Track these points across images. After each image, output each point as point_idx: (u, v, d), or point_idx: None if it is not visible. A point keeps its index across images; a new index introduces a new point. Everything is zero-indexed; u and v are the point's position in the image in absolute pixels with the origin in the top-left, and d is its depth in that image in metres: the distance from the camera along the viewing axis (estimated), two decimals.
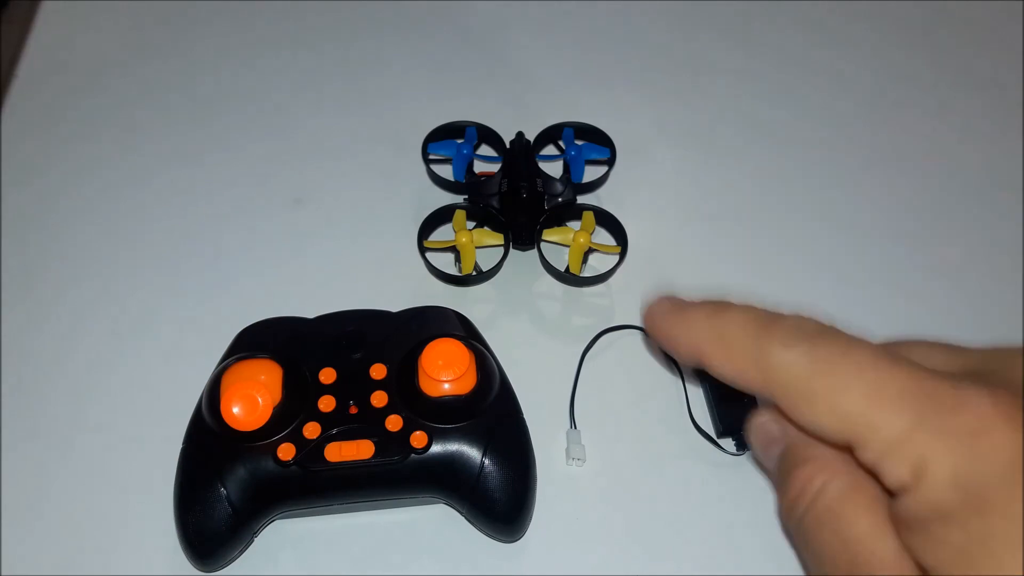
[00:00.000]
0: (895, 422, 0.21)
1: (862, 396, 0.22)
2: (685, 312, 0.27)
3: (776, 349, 0.23)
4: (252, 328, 0.35)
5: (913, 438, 0.21)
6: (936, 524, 0.20)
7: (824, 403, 0.22)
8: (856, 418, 0.22)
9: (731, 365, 0.25)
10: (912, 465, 0.21)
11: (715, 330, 0.25)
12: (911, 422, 0.21)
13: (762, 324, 0.24)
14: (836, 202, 0.44)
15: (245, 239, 0.42)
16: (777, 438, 0.26)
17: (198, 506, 0.31)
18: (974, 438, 0.20)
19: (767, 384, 0.24)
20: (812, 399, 0.23)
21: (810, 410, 0.23)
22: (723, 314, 0.25)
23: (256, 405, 0.31)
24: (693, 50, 0.50)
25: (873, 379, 0.22)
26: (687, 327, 0.26)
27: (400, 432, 0.32)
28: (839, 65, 0.50)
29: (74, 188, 0.43)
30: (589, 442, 0.35)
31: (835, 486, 0.23)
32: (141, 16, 0.51)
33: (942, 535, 0.20)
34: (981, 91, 0.49)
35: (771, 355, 0.23)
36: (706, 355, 0.25)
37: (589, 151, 0.42)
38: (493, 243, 0.40)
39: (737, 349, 0.24)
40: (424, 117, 0.44)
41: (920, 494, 0.21)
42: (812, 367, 0.23)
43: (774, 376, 0.23)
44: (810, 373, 0.23)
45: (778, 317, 0.24)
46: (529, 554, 0.33)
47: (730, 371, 0.25)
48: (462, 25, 0.51)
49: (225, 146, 0.45)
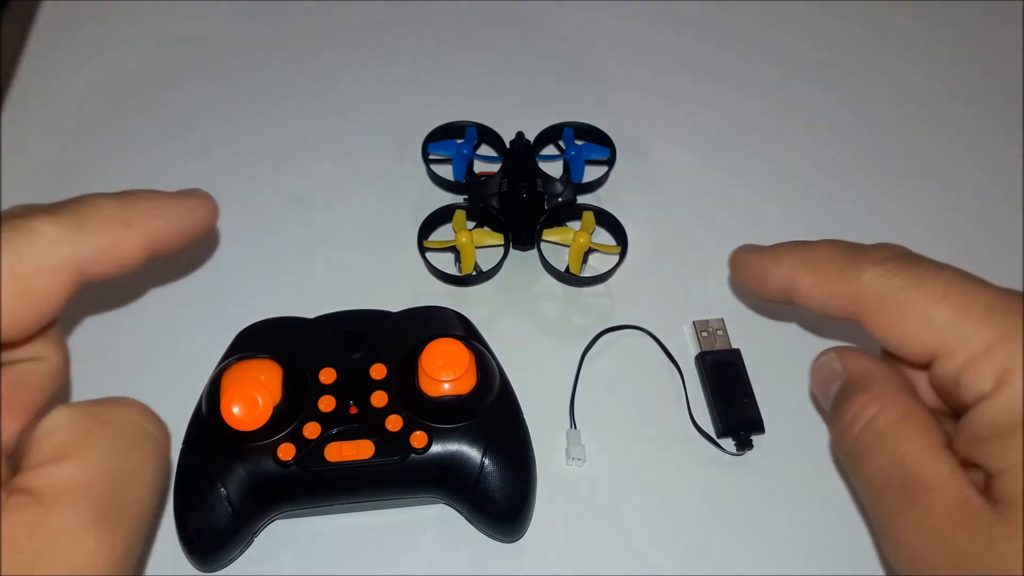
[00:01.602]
0: (983, 333, 0.22)
1: (952, 309, 0.23)
2: (771, 249, 0.28)
3: (867, 267, 0.25)
4: (252, 328, 0.35)
5: (999, 348, 0.22)
6: (1013, 429, 0.21)
7: (915, 315, 0.23)
8: (945, 329, 0.23)
9: (823, 288, 0.26)
10: (996, 373, 0.22)
11: (804, 257, 0.27)
12: (997, 335, 0.22)
13: (853, 249, 0.26)
14: (836, 202, 0.44)
15: (245, 239, 0.42)
16: (838, 373, 0.27)
17: (198, 506, 0.31)
18: None
19: (858, 303, 0.25)
20: (903, 312, 0.24)
21: (900, 323, 0.24)
22: (810, 245, 0.27)
23: (256, 405, 0.31)
24: (693, 50, 0.50)
25: (963, 294, 0.23)
26: (777, 260, 0.28)
27: (400, 432, 0.32)
28: (839, 65, 0.50)
29: (74, 188, 0.43)
30: (589, 442, 0.35)
31: (891, 412, 0.24)
32: (141, 16, 0.51)
33: (1018, 439, 0.21)
34: (981, 92, 0.49)
35: (864, 273, 0.25)
36: (798, 282, 0.26)
37: (589, 151, 0.42)
38: (493, 243, 0.40)
39: (829, 272, 0.26)
40: (424, 117, 0.44)
41: (1000, 401, 0.22)
42: (903, 281, 0.24)
43: (865, 293, 0.24)
44: (901, 286, 0.24)
45: (866, 245, 0.26)
46: (529, 554, 0.33)
47: (821, 295, 0.26)
48: (462, 25, 0.51)
49: (225, 146, 0.45)
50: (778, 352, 0.38)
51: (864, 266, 0.25)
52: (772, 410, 0.36)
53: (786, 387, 0.37)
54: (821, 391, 0.28)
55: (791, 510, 0.34)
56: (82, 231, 0.22)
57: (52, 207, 0.22)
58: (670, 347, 0.38)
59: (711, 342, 0.38)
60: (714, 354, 0.37)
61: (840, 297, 0.25)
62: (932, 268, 0.24)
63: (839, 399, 0.26)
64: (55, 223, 0.22)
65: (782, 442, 0.36)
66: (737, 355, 0.37)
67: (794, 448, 0.36)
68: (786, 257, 0.27)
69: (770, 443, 0.36)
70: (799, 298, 0.27)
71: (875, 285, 0.24)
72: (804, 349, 0.38)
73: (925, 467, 0.23)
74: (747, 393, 0.36)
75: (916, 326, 0.23)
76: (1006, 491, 0.21)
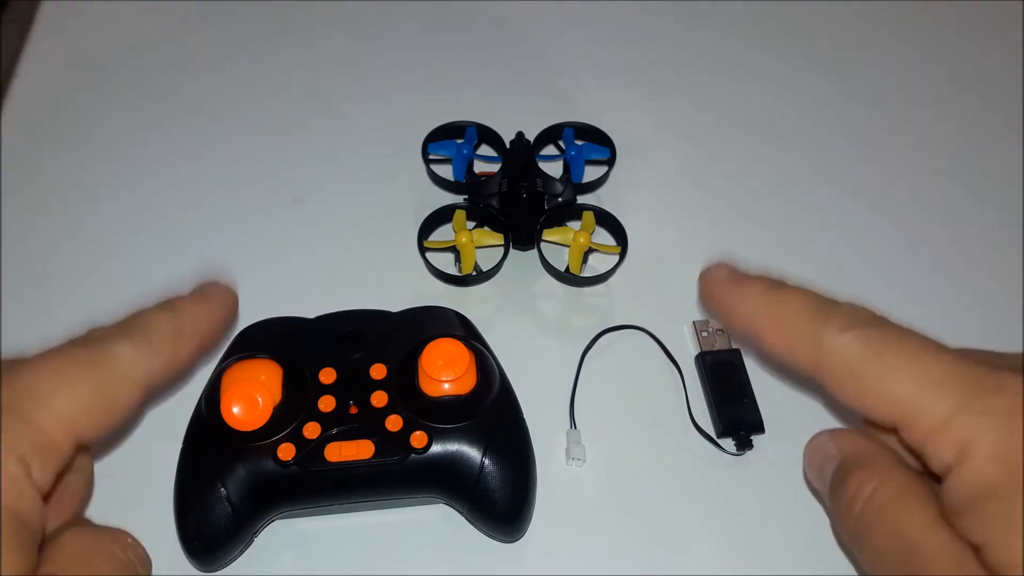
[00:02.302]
0: (940, 405, 0.22)
1: (910, 380, 0.23)
2: (743, 284, 0.27)
3: (832, 332, 0.24)
4: (252, 328, 0.35)
5: (957, 420, 0.22)
6: (983, 500, 0.21)
7: (874, 386, 0.23)
8: (904, 401, 0.23)
9: (784, 343, 0.25)
10: (957, 445, 0.22)
11: (772, 307, 0.26)
12: (955, 405, 0.22)
13: (819, 307, 0.25)
14: (837, 202, 0.44)
15: (245, 239, 0.42)
16: (832, 455, 0.27)
17: (198, 506, 0.31)
18: (1012, 416, 0.21)
19: (818, 365, 0.25)
20: (863, 381, 0.24)
21: (860, 392, 0.24)
22: (781, 293, 0.26)
23: (256, 405, 0.31)
24: (693, 50, 0.50)
25: (921, 365, 0.23)
26: (744, 299, 0.27)
27: (400, 432, 0.32)
28: (840, 64, 0.50)
29: (74, 188, 0.43)
30: (589, 442, 0.35)
31: (889, 486, 0.24)
32: (141, 16, 0.51)
33: (990, 509, 0.21)
34: (982, 89, 0.49)
35: (826, 337, 0.24)
36: (760, 329, 0.26)
37: (589, 151, 0.42)
38: (493, 243, 0.40)
39: (793, 328, 0.25)
40: (424, 117, 0.44)
41: (965, 472, 0.22)
42: (865, 351, 0.24)
43: (827, 357, 0.24)
44: (863, 356, 0.24)
45: (834, 303, 0.25)
46: (529, 554, 0.33)
47: (782, 348, 0.26)
48: (462, 25, 0.51)
49: (225, 146, 0.45)
50: None
51: (829, 330, 0.24)
52: (772, 410, 0.36)
53: (786, 387, 0.37)
54: (817, 474, 0.28)
55: (791, 510, 0.34)
56: (151, 349, 0.25)
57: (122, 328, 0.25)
58: (670, 347, 0.38)
59: (711, 342, 0.38)
60: (714, 354, 0.37)
61: (802, 356, 0.25)
62: (894, 336, 0.24)
63: (837, 479, 0.26)
64: (132, 345, 0.24)
65: (782, 442, 0.36)
66: (737, 355, 0.37)
67: (794, 448, 0.35)
68: (753, 300, 0.26)
69: (770, 443, 0.36)
70: (761, 346, 0.26)
71: (837, 352, 0.24)
72: None
73: (926, 540, 0.23)
74: (747, 393, 0.36)
75: (876, 396, 0.23)
76: (995, 563, 0.21)
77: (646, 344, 0.38)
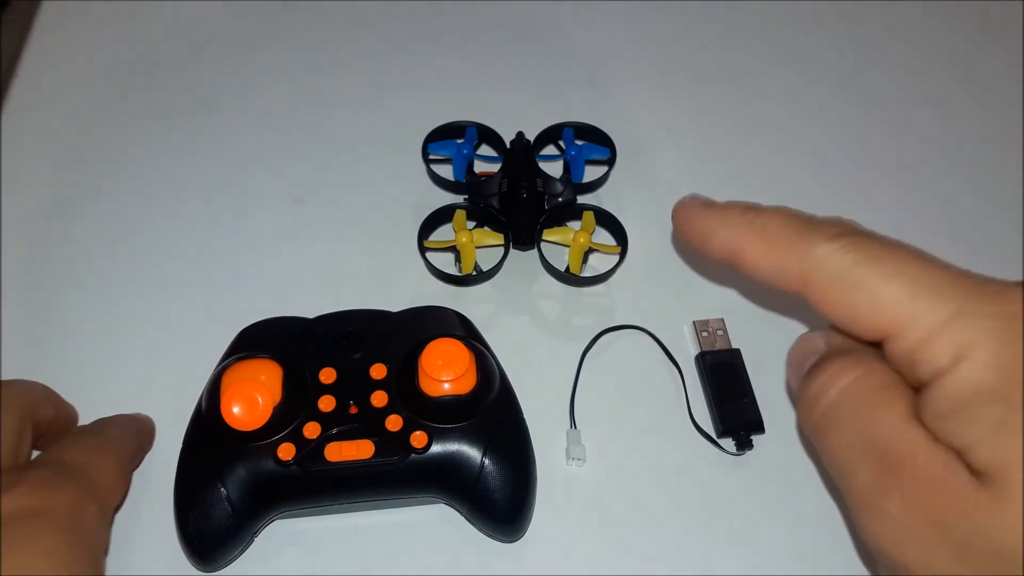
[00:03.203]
0: (937, 310, 0.21)
1: (904, 286, 0.22)
2: (721, 208, 0.26)
3: (820, 241, 0.24)
4: (252, 328, 0.35)
5: (954, 324, 0.21)
6: (976, 403, 0.21)
7: (866, 292, 0.23)
8: (897, 308, 0.22)
9: (770, 259, 0.25)
10: (953, 349, 0.21)
11: (754, 224, 0.25)
12: (952, 310, 0.21)
13: (805, 220, 0.24)
14: (837, 202, 0.44)
15: (245, 239, 0.42)
16: (818, 348, 0.26)
17: (198, 506, 0.31)
18: (1015, 321, 0.21)
19: (806, 278, 0.24)
20: (853, 289, 0.23)
21: (851, 300, 0.23)
22: (763, 211, 0.25)
23: (256, 405, 0.31)
24: (693, 50, 0.50)
25: (916, 271, 0.22)
26: (724, 221, 0.26)
27: (400, 432, 0.32)
28: (839, 65, 0.50)
29: (74, 188, 0.43)
30: (589, 442, 0.35)
31: (870, 378, 0.23)
32: (141, 16, 0.51)
33: (983, 412, 0.21)
34: (981, 91, 0.49)
35: (815, 247, 0.24)
36: (743, 249, 0.25)
37: (589, 151, 0.42)
38: (493, 243, 0.40)
39: (778, 243, 0.24)
40: (424, 117, 0.44)
41: (960, 375, 0.21)
42: (856, 257, 0.23)
43: (816, 268, 0.24)
44: (853, 263, 0.23)
45: (818, 218, 0.25)
46: (529, 554, 0.33)
47: (767, 266, 0.25)
48: (462, 25, 0.51)
49: (225, 146, 0.45)
50: (778, 352, 0.38)
51: (816, 240, 0.24)
52: (772, 410, 0.36)
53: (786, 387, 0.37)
54: (796, 366, 0.26)
55: (791, 510, 0.34)
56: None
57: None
58: (670, 347, 0.38)
59: (711, 342, 0.38)
60: (714, 354, 0.37)
61: (789, 271, 0.24)
62: (886, 245, 0.23)
63: (815, 366, 0.25)
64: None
65: (782, 442, 0.36)
66: (737, 355, 0.37)
67: (794, 448, 0.36)
68: (735, 220, 0.26)
69: (770, 443, 0.36)
70: (743, 265, 0.25)
71: (827, 261, 0.23)
72: None
73: (906, 435, 0.22)
74: (747, 393, 0.36)
75: (868, 304, 0.23)
76: (980, 464, 0.21)
77: (646, 344, 0.38)
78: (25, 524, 0.26)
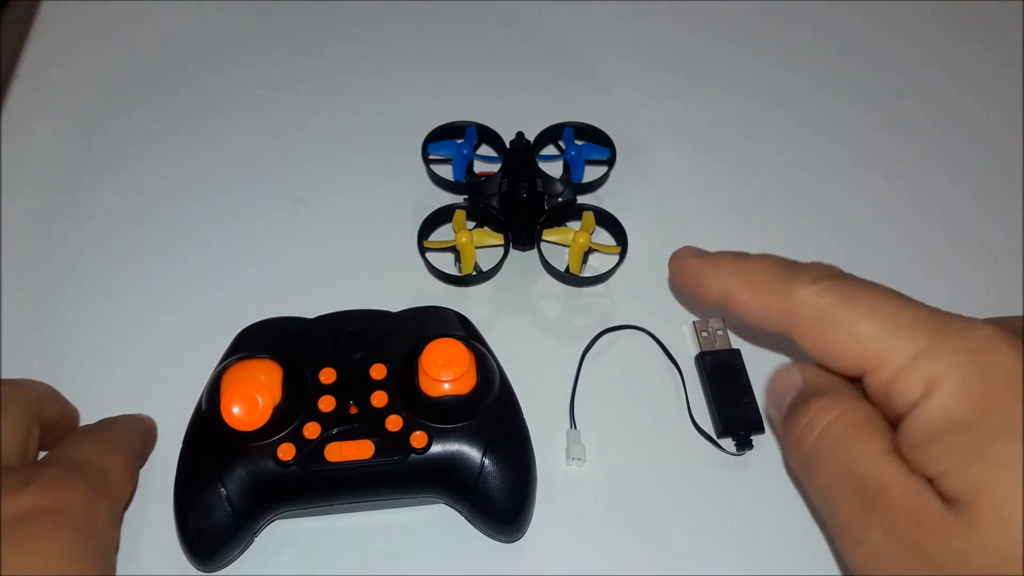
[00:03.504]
0: (909, 346, 0.23)
1: (880, 324, 0.24)
2: (712, 257, 0.29)
3: (802, 284, 0.25)
4: (252, 328, 0.35)
5: (925, 359, 0.23)
6: (946, 432, 0.22)
7: (844, 331, 0.24)
8: (873, 344, 0.24)
9: (757, 303, 0.27)
10: (924, 382, 0.23)
11: (742, 271, 0.27)
12: (923, 346, 0.23)
13: (787, 265, 0.27)
14: (837, 202, 0.44)
15: (245, 239, 0.42)
16: (796, 384, 0.27)
17: (198, 506, 0.31)
18: (980, 355, 0.23)
19: (790, 318, 0.26)
20: (833, 328, 0.25)
21: (831, 338, 0.25)
22: (750, 259, 0.28)
23: (256, 405, 0.31)
24: (693, 50, 0.50)
25: (890, 310, 0.24)
26: (715, 269, 0.28)
27: (400, 432, 0.32)
28: (839, 64, 0.50)
29: (74, 188, 0.43)
30: (589, 442, 0.35)
31: (848, 416, 0.25)
32: (141, 16, 0.51)
33: (952, 440, 0.22)
34: (982, 90, 0.49)
35: (797, 290, 0.25)
36: (734, 294, 0.27)
37: (589, 151, 0.42)
38: (493, 243, 0.40)
39: (764, 287, 0.26)
40: (424, 117, 0.44)
41: (931, 407, 0.23)
42: (835, 299, 0.25)
43: (798, 309, 0.25)
44: (833, 304, 0.25)
45: (800, 263, 0.27)
46: (529, 554, 0.33)
47: (756, 308, 0.27)
48: (462, 25, 0.51)
49: (225, 146, 0.45)
50: (778, 352, 0.38)
51: (799, 283, 0.26)
52: None
53: None
54: (775, 401, 0.28)
55: (791, 510, 0.34)
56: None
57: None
58: (670, 347, 0.38)
59: (711, 342, 0.38)
60: (714, 354, 0.37)
61: (774, 312, 0.26)
62: (862, 286, 0.25)
63: (794, 406, 0.27)
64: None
65: None
66: (737, 355, 0.37)
67: None
68: (725, 268, 0.28)
69: (770, 443, 0.36)
70: (735, 309, 0.28)
71: (808, 302, 0.25)
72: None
73: (882, 469, 0.24)
74: (747, 393, 0.36)
75: (846, 341, 0.24)
76: (951, 491, 0.22)
77: (646, 344, 0.38)
78: (39, 522, 0.26)
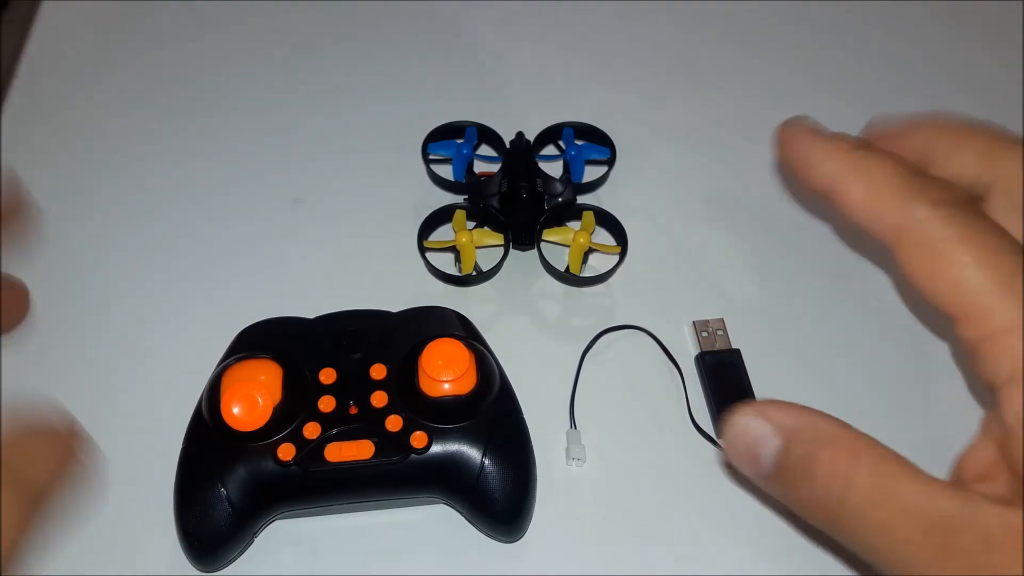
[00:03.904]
0: (1013, 313, 0.21)
1: (991, 277, 0.22)
2: (829, 139, 0.25)
3: (924, 204, 0.23)
4: (252, 328, 0.35)
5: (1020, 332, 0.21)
6: None
7: (951, 270, 0.22)
8: (977, 295, 0.22)
9: (868, 206, 0.24)
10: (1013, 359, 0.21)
11: (860, 166, 0.24)
12: None
13: (914, 176, 0.24)
14: None
15: (245, 239, 0.42)
16: (767, 435, 0.24)
17: (198, 506, 0.31)
18: None
19: (899, 237, 0.23)
20: (940, 262, 0.22)
21: (936, 271, 0.22)
22: (873, 154, 0.24)
23: (256, 405, 0.31)
24: (693, 50, 0.50)
25: (1007, 266, 0.22)
26: (830, 155, 0.25)
27: (400, 432, 0.32)
28: (839, 64, 0.50)
29: (73, 188, 0.43)
30: (589, 442, 0.35)
31: (864, 461, 0.22)
32: (141, 16, 0.51)
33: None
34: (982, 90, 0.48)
35: (917, 208, 0.23)
36: (844, 188, 0.24)
37: (589, 151, 0.42)
38: (493, 243, 0.40)
39: (881, 192, 0.24)
40: (424, 117, 0.44)
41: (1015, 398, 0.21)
42: (955, 232, 0.22)
43: (912, 231, 0.23)
44: (949, 237, 0.22)
45: (929, 176, 0.24)
46: (529, 554, 0.33)
47: (864, 212, 0.24)
48: (462, 25, 0.51)
49: (225, 146, 0.45)
50: (778, 352, 0.38)
51: (921, 201, 0.23)
52: None
53: (786, 387, 0.37)
54: (746, 459, 0.24)
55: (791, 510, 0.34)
56: None
57: None
58: (670, 347, 0.38)
59: (711, 342, 0.38)
60: (714, 354, 0.37)
61: (883, 223, 0.23)
62: (988, 229, 0.22)
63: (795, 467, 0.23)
64: None
65: None
66: (737, 355, 0.37)
67: None
68: (839, 156, 0.25)
69: None
70: (840, 204, 0.25)
71: (924, 226, 0.23)
72: (804, 349, 0.38)
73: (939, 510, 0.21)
74: (747, 393, 0.36)
75: (948, 283, 0.22)
76: None
77: (646, 344, 0.38)
78: None
